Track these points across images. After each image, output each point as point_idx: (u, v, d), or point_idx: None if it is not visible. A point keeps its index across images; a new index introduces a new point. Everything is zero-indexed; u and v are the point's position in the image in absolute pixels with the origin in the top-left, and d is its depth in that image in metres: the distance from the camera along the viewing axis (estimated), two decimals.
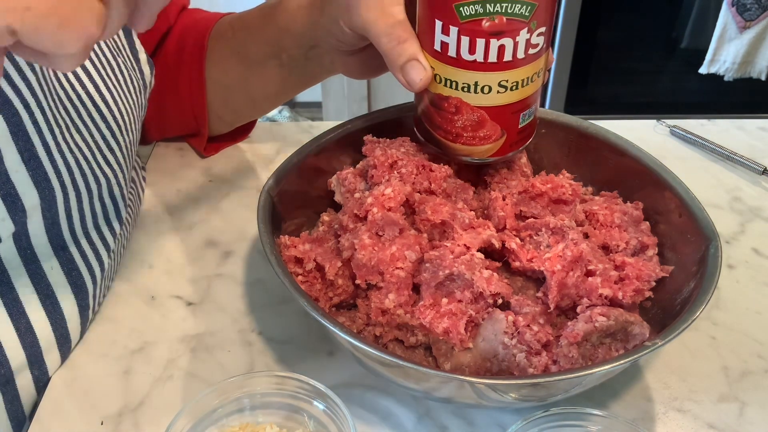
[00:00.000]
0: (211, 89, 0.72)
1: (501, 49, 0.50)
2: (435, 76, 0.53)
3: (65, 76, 0.53)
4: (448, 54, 0.51)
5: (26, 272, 0.50)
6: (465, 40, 0.50)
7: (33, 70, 0.48)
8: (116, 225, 0.58)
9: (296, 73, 0.69)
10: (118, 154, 0.57)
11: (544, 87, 2.07)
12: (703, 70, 1.87)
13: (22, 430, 0.53)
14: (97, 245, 0.56)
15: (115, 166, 0.57)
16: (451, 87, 0.53)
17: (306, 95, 2.41)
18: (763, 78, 1.85)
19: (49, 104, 0.50)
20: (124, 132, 0.58)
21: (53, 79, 0.51)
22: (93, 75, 0.56)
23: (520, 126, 0.56)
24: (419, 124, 0.59)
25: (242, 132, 0.80)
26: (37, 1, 0.29)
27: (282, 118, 2.17)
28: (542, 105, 2.10)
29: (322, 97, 2.03)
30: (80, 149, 0.53)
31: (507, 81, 0.52)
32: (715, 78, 1.87)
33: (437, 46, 0.51)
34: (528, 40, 0.51)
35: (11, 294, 0.49)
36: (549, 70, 0.57)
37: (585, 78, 2.00)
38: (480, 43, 0.50)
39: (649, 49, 2.02)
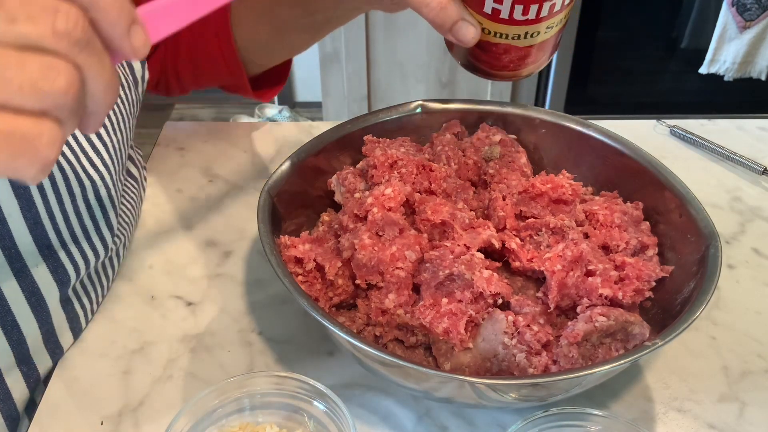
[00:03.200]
0: (242, 46, 0.72)
1: (552, 6, 0.51)
2: (483, 29, 0.53)
3: None
4: (500, 17, 0.52)
5: (11, 270, 0.50)
6: (519, 8, 0.51)
7: None
8: (106, 230, 0.57)
9: (329, 26, 0.69)
10: (105, 155, 0.56)
11: (545, 87, 2.06)
12: (703, 70, 1.86)
13: (17, 427, 0.53)
14: (84, 248, 0.55)
15: (102, 169, 0.56)
16: (500, 38, 0.53)
17: (306, 95, 2.41)
18: (763, 78, 1.85)
19: None
20: (111, 132, 0.57)
21: None
22: None
23: (555, 42, 0.56)
24: (463, 56, 0.58)
25: (283, 74, 0.80)
26: None
27: (282, 118, 2.17)
28: (542, 105, 2.10)
29: (322, 97, 2.03)
30: (61, 152, 0.52)
31: (553, 23, 0.53)
32: (715, 78, 1.87)
33: (488, 9, 0.51)
34: None
35: None
36: None
37: (585, 78, 2.00)
38: (533, 7, 0.50)
39: (649, 49, 2.02)
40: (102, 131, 0.57)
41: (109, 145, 0.57)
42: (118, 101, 0.60)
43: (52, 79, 0.29)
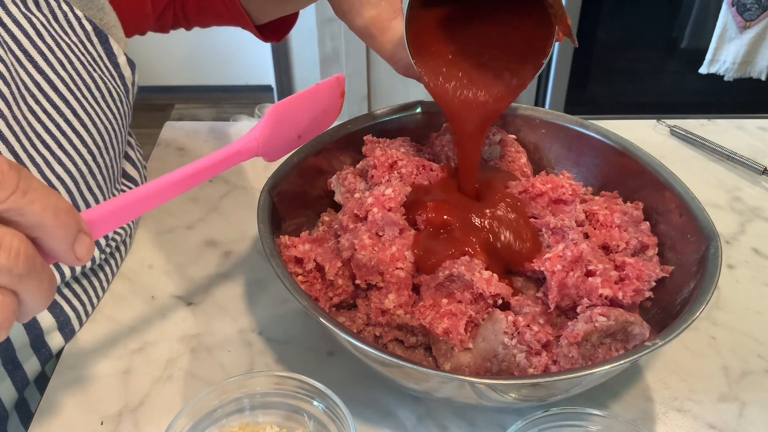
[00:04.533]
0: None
1: None
2: None
3: (39, 106, 0.51)
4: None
5: None
6: None
7: (5, 100, 0.48)
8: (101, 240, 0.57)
9: None
10: (99, 177, 0.56)
11: (545, 87, 2.05)
12: (703, 70, 1.86)
13: (6, 425, 0.53)
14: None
15: (96, 191, 0.55)
16: None
17: None
18: (763, 78, 1.85)
19: (23, 145, 0.49)
20: (104, 151, 0.57)
21: (27, 114, 0.50)
22: (69, 99, 0.53)
23: None
24: None
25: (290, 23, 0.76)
26: None
27: None
28: (542, 105, 2.09)
29: None
30: (62, 181, 0.52)
31: None
32: (715, 78, 1.87)
33: None
34: None
35: None
36: None
37: (585, 78, 2.00)
38: None
39: (649, 49, 2.02)
40: (95, 151, 0.55)
41: (102, 164, 0.56)
42: (110, 117, 0.58)
43: None
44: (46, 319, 0.54)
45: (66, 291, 0.56)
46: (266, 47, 2.26)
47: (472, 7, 0.57)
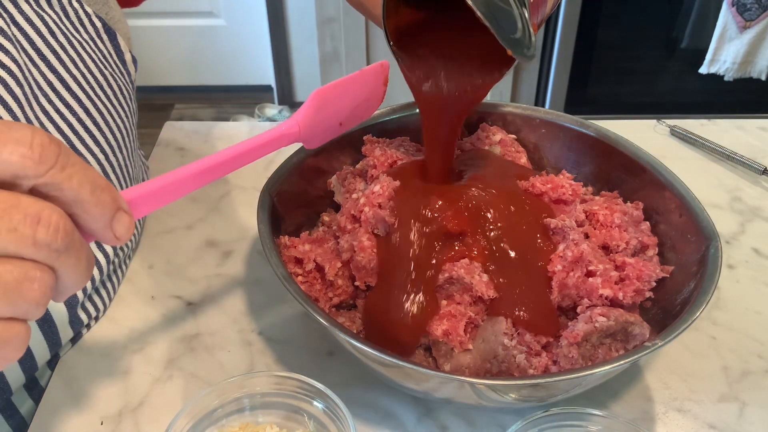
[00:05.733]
0: None
1: None
2: None
3: (52, 105, 0.51)
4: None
5: None
6: None
7: (17, 100, 0.47)
8: (108, 247, 0.57)
9: None
10: (112, 176, 0.56)
11: (545, 87, 2.06)
12: (703, 70, 1.86)
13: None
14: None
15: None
16: None
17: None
18: (763, 78, 1.85)
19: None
20: (117, 150, 0.57)
21: (39, 114, 0.50)
22: (82, 98, 0.53)
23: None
24: None
25: None
26: None
27: (282, 118, 2.17)
28: (542, 105, 2.10)
29: None
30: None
31: None
32: (715, 78, 1.87)
33: None
34: None
35: None
36: None
37: (585, 78, 2.00)
38: None
39: (649, 49, 2.01)
40: (108, 152, 0.55)
41: (115, 164, 0.56)
42: (123, 116, 0.58)
43: (26, 290, 0.30)
44: (66, 335, 0.54)
45: (85, 304, 0.56)
46: (266, 48, 2.26)
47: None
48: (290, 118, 0.49)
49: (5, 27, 0.48)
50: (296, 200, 0.60)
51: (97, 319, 0.59)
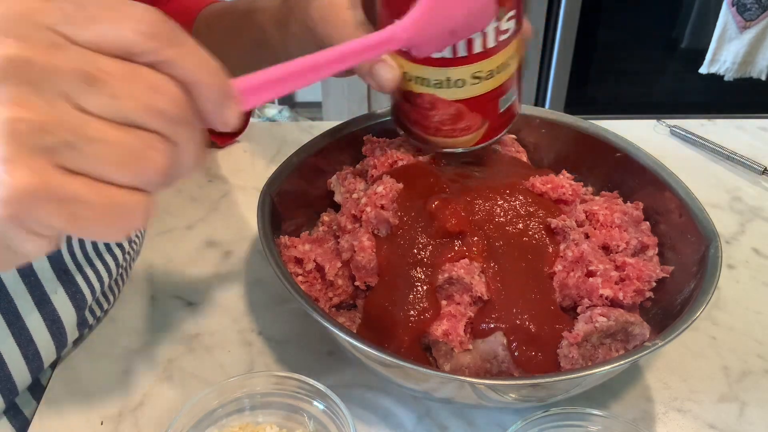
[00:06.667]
0: None
1: (469, 42, 0.48)
2: (404, 74, 0.50)
3: None
4: (414, 53, 0.49)
5: (32, 299, 0.49)
6: None
7: None
8: (116, 247, 0.57)
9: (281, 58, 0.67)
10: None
11: (545, 87, 2.06)
12: (703, 70, 1.86)
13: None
14: (98, 268, 0.55)
15: None
16: (423, 84, 0.51)
17: (306, 95, 2.41)
18: (763, 78, 1.85)
19: None
20: None
21: None
22: None
23: (500, 111, 0.53)
24: (397, 119, 0.57)
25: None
26: (88, 212, 0.29)
27: (282, 118, 2.17)
28: (542, 105, 2.09)
29: (322, 97, 2.03)
30: None
31: (480, 72, 0.50)
32: (715, 78, 1.87)
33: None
34: (497, 28, 0.48)
35: (18, 323, 0.49)
36: (528, 41, 0.54)
37: (585, 78, 2.00)
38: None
39: (649, 49, 2.01)
40: None
41: None
42: None
43: (150, 158, 0.30)
44: (73, 336, 0.54)
45: (93, 306, 0.56)
46: None
47: None
48: (402, 20, 0.46)
49: None
50: (296, 200, 0.60)
51: (99, 320, 0.59)
